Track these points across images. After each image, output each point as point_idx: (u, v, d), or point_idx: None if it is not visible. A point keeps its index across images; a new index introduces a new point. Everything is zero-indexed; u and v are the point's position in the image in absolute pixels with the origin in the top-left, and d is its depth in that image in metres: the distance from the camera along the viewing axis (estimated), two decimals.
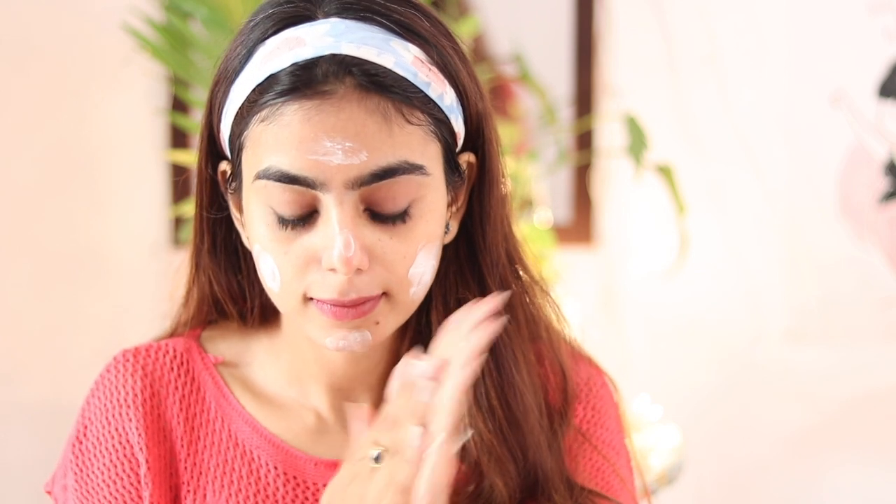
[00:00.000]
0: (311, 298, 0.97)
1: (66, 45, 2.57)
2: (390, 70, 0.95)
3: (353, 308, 0.96)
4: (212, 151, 1.04)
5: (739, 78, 2.69)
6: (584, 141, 2.70)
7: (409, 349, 1.05)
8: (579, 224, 2.73)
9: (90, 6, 2.55)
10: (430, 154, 0.97)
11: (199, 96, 2.20)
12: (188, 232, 1.09)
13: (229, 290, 1.08)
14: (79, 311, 2.62)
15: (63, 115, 2.60)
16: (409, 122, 0.95)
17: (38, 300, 2.63)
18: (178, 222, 2.56)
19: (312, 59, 0.94)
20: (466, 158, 1.03)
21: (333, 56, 0.94)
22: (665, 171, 2.32)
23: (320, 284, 0.96)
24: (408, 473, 0.87)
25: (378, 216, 0.95)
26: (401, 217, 0.96)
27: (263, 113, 0.95)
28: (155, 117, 2.57)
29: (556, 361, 1.09)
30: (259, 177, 0.95)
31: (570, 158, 2.66)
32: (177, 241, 2.59)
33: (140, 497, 1.04)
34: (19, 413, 2.64)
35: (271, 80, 0.95)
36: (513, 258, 1.07)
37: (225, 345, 1.10)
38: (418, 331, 1.06)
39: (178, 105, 2.53)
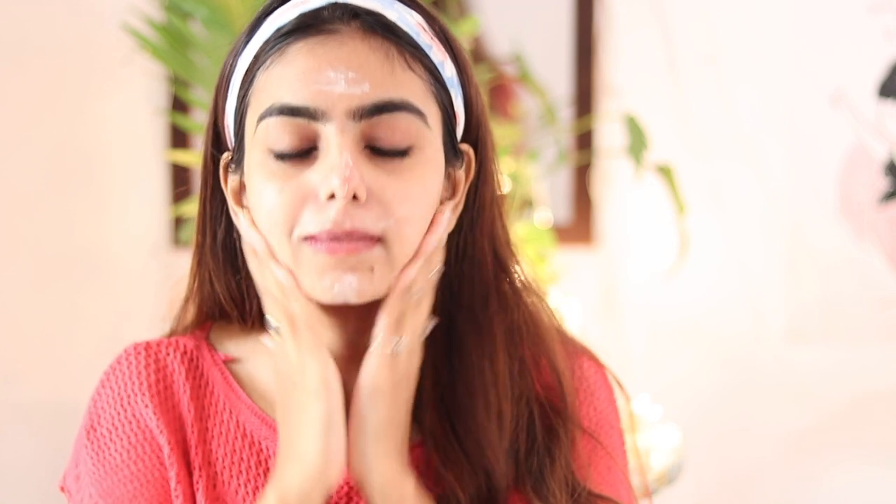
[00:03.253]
0: (305, 239, 0.96)
1: (65, 45, 2.57)
2: (394, 21, 0.97)
3: (348, 242, 0.95)
4: (216, 138, 1.05)
5: (739, 78, 2.69)
6: (584, 141, 2.70)
7: None
8: (579, 224, 2.73)
9: (90, 6, 2.55)
10: (430, 110, 0.98)
11: (199, 96, 2.20)
12: (188, 232, 1.10)
13: (228, 290, 1.08)
14: (79, 311, 2.62)
15: (63, 115, 2.60)
16: (410, 68, 0.97)
17: (37, 300, 2.63)
18: (178, 222, 2.55)
19: (318, 6, 0.97)
20: (466, 149, 1.04)
21: (337, 3, 0.97)
22: (665, 171, 2.32)
23: (316, 219, 0.95)
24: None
25: (378, 151, 0.96)
26: (400, 154, 0.96)
27: (269, 60, 0.97)
28: (155, 117, 2.57)
29: (558, 363, 1.08)
30: (262, 118, 0.97)
31: (570, 158, 2.65)
32: (177, 241, 2.59)
33: (165, 478, 1.04)
34: (19, 413, 2.64)
35: (277, 31, 0.98)
36: (501, 257, 1.07)
37: (231, 343, 1.10)
38: None
39: (178, 105, 2.53)
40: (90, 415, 1.08)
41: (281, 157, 0.96)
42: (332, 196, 0.94)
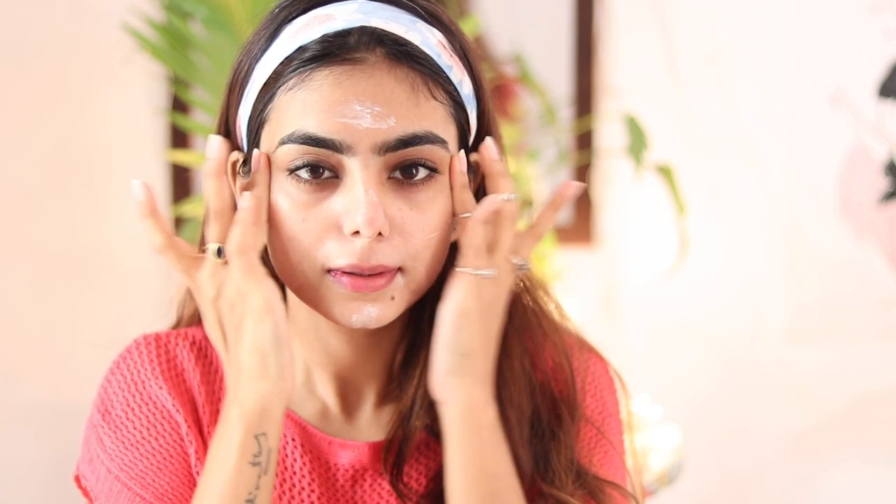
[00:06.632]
0: (329, 271, 0.97)
1: (65, 45, 2.57)
2: (417, 46, 0.98)
3: (372, 279, 0.96)
4: (227, 136, 1.05)
5: (739, 78, 2.69)
6: (584, 141, 2.70)
7: (409, 344, 1.08)
8: (579, 224, 2.73)
9: (90, 6, 2.55)
10: (450, 134, 0.99)
11: (199, 96, 2.20)
12: (188, 232, 1.10)
13: None
14: (79, 312, 2.62)
15: (63, 116, 2.60)
16: (433, 97, 0.98)
17: (37, 300, 2.63)
18: (178, 222, 2.55)
19: (344, 29, 0.97)
20: (475, 159, 1.05)
21: (364, 28, 0.97)
22: (665, 171, 2.32)
23: (339, 252, 0.96)
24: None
25: (401, 182, 0.97)
26: (422, 181, 0.97)
27: (291, 81, 0.97)
28: (155, 117, 2.57)
29: (561, 356, 1.10)
30: (283, 142, 0.97)
31: (570, 158, 2.66)
32: None
33: (186, 453, 1.06)
34: (19, 413, 2.64)
35: (300, 50, 0.97)
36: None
37: None
38: (418, 327, 1.07)
39: (178, 105, 2.53)
40: (102, 401, 1.09)
41: (302, 180, 0.97)
42: (356, 232, 0.95)
